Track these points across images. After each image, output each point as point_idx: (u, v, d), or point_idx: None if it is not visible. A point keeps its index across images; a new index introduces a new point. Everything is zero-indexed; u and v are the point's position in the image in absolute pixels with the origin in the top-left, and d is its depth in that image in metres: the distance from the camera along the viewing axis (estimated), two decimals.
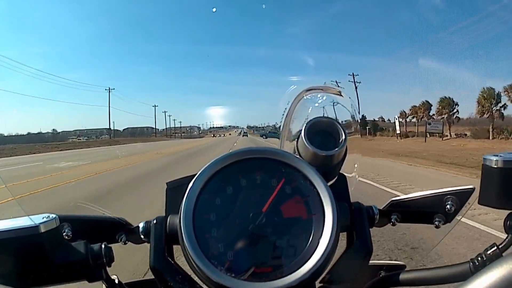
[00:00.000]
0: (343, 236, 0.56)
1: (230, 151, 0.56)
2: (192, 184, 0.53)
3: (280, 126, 0.73)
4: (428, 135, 28.03)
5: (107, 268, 0.54)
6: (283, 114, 0.74)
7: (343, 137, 0.59)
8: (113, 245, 0.56)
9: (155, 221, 0.56)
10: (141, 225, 0.58)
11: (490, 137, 25.04)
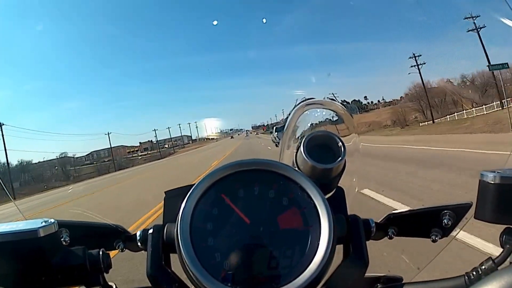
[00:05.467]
0: (340, 249, 0.57)
1: (229, 162, 0.57)
2: (190, 194, 0.54)
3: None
4: None
5: (104, 274, 0.54)
6: (284, 127, 0.76)
7: (342, 151, 0.60)
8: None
9: (152, 230, 0.57)
10: (138, 233, 0.59)
11: None
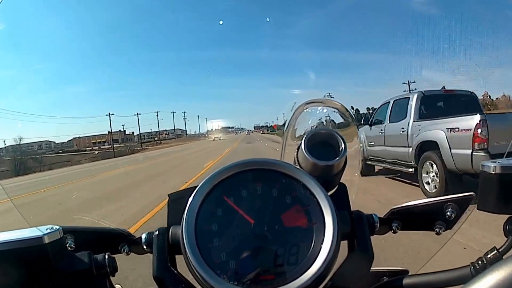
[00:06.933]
0: (345, 244, 0.57)
1: (231, 162, 0.57)
2: (193, 196, 0.54)
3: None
4: None
5: (111, 278, 0.55)
6: (285, 126, 0.76)
7: (343, 147, 0.61)
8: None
9: (157, 232, 0.57)
10: (143, 236, 0.59)
11: None
